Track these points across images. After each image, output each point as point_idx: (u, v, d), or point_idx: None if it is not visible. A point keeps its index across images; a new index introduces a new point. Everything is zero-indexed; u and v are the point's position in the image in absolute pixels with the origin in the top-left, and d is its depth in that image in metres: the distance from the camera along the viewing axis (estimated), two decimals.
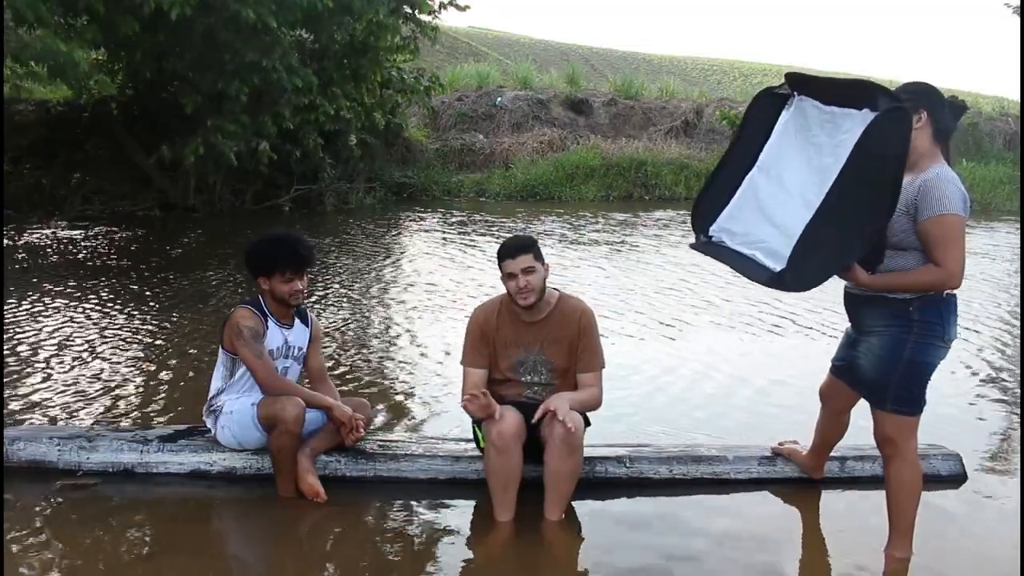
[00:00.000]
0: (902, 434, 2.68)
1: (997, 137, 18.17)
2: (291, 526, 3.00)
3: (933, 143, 2.60)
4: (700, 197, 2.89)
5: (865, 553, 2.82)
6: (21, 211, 10.88)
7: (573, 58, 31.75)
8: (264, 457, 3.20)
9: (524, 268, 3.00)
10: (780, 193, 2.65)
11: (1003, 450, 3.86)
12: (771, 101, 2.75)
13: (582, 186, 14.79)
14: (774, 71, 33.03)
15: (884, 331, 2.65)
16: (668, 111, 18.28)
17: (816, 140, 2.57)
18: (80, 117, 12.65)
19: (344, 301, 6.73)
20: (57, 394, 4.28)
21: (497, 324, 3.13)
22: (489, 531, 2.95)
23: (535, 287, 3.02)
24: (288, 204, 12.31)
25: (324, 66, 11.56)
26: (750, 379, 4.82)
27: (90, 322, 5.79)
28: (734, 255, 2.70)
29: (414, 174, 14.66)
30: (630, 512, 3.16)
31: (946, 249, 2.50)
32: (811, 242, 2.40)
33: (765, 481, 3.34)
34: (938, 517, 3.03)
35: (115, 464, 3.25)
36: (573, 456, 2.93)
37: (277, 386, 3.14)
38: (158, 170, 11.61)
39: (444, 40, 22.95)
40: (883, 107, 2.35)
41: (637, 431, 3.84)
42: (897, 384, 2.63)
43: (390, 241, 10.20)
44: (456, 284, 7.43)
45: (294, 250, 3.22)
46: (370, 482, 3.25)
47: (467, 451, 3.31)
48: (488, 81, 18.43)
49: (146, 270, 7.76)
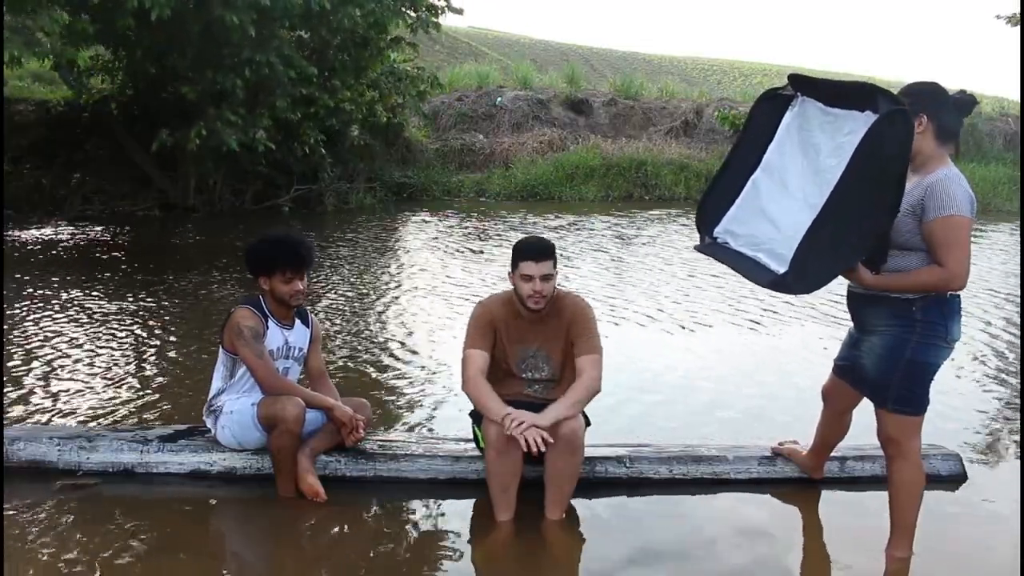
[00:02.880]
0: (905, 434, 2.68)
1: (997, 137, 18.17)
2: (291, 526, 3.00)
3: (938, 145, 2.60)
4: (704, 199, 2.89)
5: (865, 553, 2.82)
6: (21, 211, 10.87)
7: (573, 58, 31.76)
8: (264, 457, 3.19)
9: (544, 275, 2.99)
10: (783, 195, 2.64)
11: (1003, 450, 3.86)
12: (774, 102, 2.75)
13: (582, 186, 14.80)
14: (774, 71, 33.07)
15: (887, 331, 2.65)
16: (668, 111, 18.28)
17: (818, 142, 2.57)
18: (80, 117, 12.64)
19: (344, 301, 6.73)
20: (57, 394, 4.28)
21: (503, 320, 3.13)
22: (489, 531, 2.95)
23: (548, 295, 3.03)
24: (288, 204, 12.31)
25: (324, 57, 11.56)
26: (750, 377, 4.82)
27: (90, 322, 5.78)
28: (738, 257, 2.70)
29: (414, 174, 14.66)
30: (630, 512, 3.15)
31: (951, 250, 2.50)
32: (813, 244, 2.40)
33: (765, 481, 3.34)
34: (938, 517, 3.03)
35: (115, 464, 3.25)
36: (573, 456, 2.93)
37: (277, 386, 3.14)
38: (158, 170, 11.61)
39: (444, 40, 23.00)
40: (884, 110, 2.35)
41: (636, 431, 3.84)
42: (899, 384, 2.63)
43: (390, 241, 10.20)
44: (456, 284, 7.43)
45: (294, 250, 3.21)
46: (370, 482, 3.24)
47: (467, 451, 3.31)
48: (488, 81, 18.43)
49: (146, 270, 7.75)
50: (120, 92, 12.44)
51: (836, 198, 2.37)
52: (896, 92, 2.60)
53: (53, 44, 8.21)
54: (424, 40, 12.86)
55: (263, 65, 9.97)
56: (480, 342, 3.08)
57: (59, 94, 13.48)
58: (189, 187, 11.64)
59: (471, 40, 31.36)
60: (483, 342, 3.08)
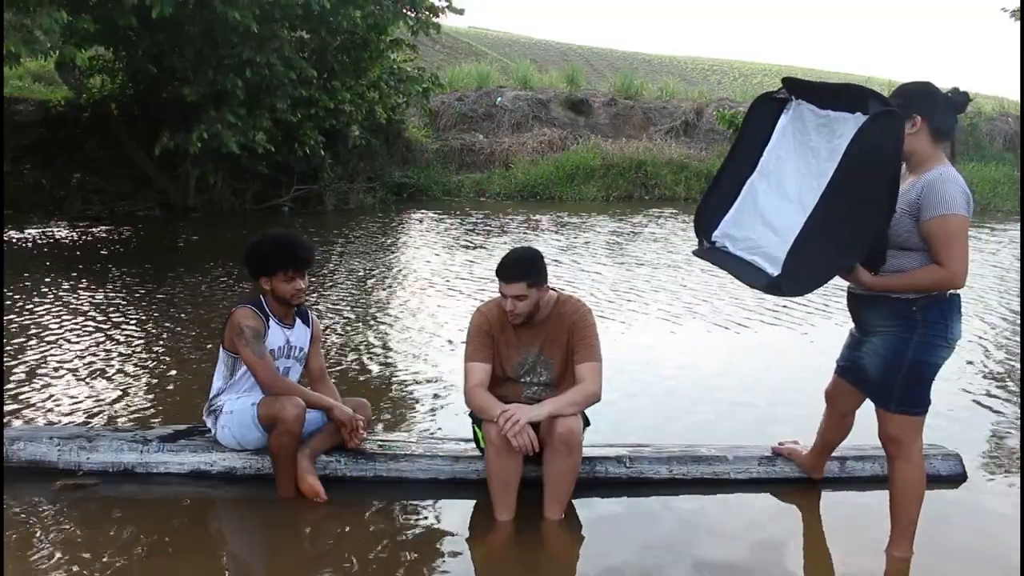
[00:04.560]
0: (907, 434, 2.68)
1: (997, 137, 18.18)
2: (291, 526, 3.00)
3: (933, 145, 2.60)
4: (702, 203, 2.89)
5: (865, 553, 2.82)
6: (21, 211, 10.88)
7: (573, 58, 31.78)
8: (264, 457, 3.19)
9: (514, 295, 2.99)
10: (779, 198, 2.65)
11: (1003, 450, 3.86)
12: (770, 105, 2.76)
13: (582, 186, 14.80)
14: (774, 71, 33.05)
15: (887, 331, 2.65)
16: (668, 111, 18.29)
17: (813, 144, 2.58)
18: (80, 117, 12.65)
19: (344, 301, 6.73)
20: (57, 394, 4.28)
21: (500, 325, 3.13)
22: (489, 531, 2.95)
23: (522, 313, 3.02)
24: (288, 204, 12.31)
25: (324, 58, 11.56)
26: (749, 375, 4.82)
27: (90, 322, 5.79)
28: (736, 261, 2.71)
29: (414, 174, 14.66)
30: (630, 512, 3.16)
31: (949, 249, 2.50)
32: (806, 247, 2.40)
33: (765, 481, 3.34)
34: (938, 517, 3.02)
35: (115, 464, 3.25)
36: (572, 456, 2.93)
37: (278, 386, 3.14)
38: (158, 170, 11.61)
39: (444, 40, 23.00)
40: (873, 111, 2.35)
41: (634, 432, 3.84)
42: (901, 384, 2.63)
43: (390, 241, 10.20)
44: (457, 284, 7.43)
45: (294, 250, 3.22)
46: (370, 482, 3.24)
47: (467, 451, 3.31)
48: (488, 81, 18.43)
49: (146, 270, 7.76)
50: (120, 92, 12.44)
51: (826, 201, 2.36)
52: (890, 92, 2.61)
53: (53, 42, 8.22)
54: (424, 40, 12.89)
55: (263, 66, 9.98)
56: (479, 354, 3.09)
57: (59, 94, 13.49)
58: (189, 187, 11.64)
59: (471, 40, 31.35)
60: (483, 353, 3.09)
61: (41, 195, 11.63)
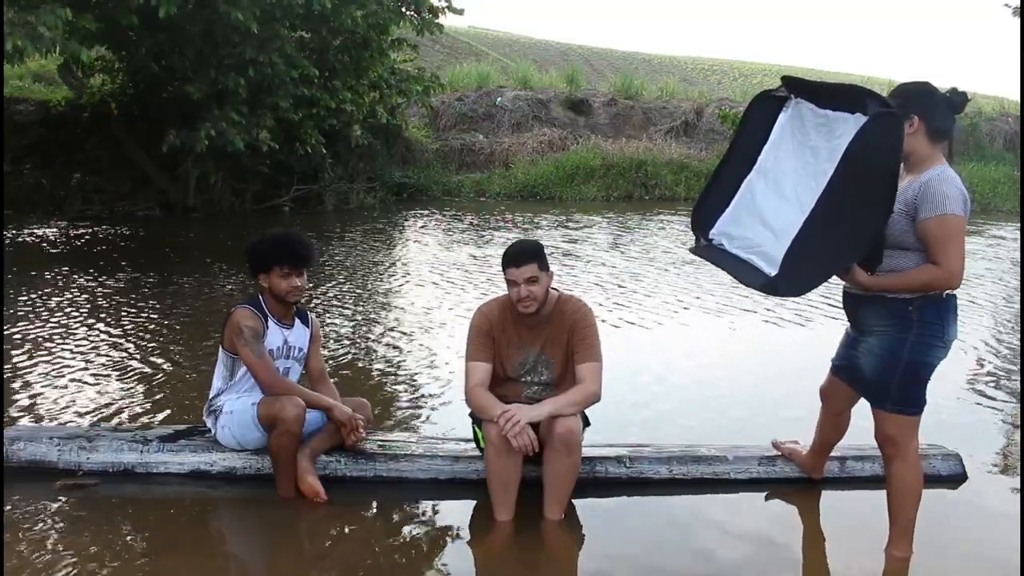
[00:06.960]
0: (903, 434, 2.68)
1: (997, 137, 18.19)
2: (291, 526, 3.00)
3: (931, 145, 2.60)
4: (700, 201, 2.89)
5: (865, 553, 2.82)
6: (21, 211, 10.88)
7: (573, 58, 31.78)
8: (264, 457, 3.19)
9: (527, 278, 2.97)
10: (777, 197, 2.65)
11: (1003, 450, 3.86)
12: (769, 103, 2.76)
13: (582, 186, 14.81)
14: (774, 71, 33.04)
15: (883, 331, 2.65)
16: (668, 111, 18.30)
17: (812, 143, 2.57)
18: (80, 117, 12.65)
19: (344, 301, 6.73)
20: (57, 394, 4.28)
21: (501, 324, 3.13)
22: (489, 531, 2.95)
23: (537, 297, 3.00)
24: (288, 204, 12.32)
25: (325, 57, 11.57)
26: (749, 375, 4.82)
27: (90, 322, 5.79)
28: (732, 259, 2.70)
29: (414, 174, 14.67)
30: (630, 512, 3.16)
31: (946, 249, 2.51)
32: (803, 247, 2.40)
33: (765, 481, 3.34)
34: (938, 517, 3.03)
35: (115, 464, 3.25)
36: (572, 456, 2.92)
37: (278, 386, 3.14)
38: (158, 170, 11.61)
39: (444, 40, 22.99)
40: (871, 112, 2.34)
41: (634, 432, 3.84)
42: (897, 384, 2.63)
43: (390, 241, 10.20)
44: (457, 284, 7.43)
45: (293, 247, 3.22)
46: (370, 482, 3.24)
47: (467, 451, 3.31)
48: (488, 81, 18.44)
49: (146, 270, 7.75)
50: (120, 92, 12.45)
51: (825, 201, 2.36)
52: (889, 92, 2.61)
53: (57, 39, 8.22)
54: (424, 40, 12.88)
55: (266, 65, 9.97)
56: (480, 353, 3.08)
57: (59, 94, 13.49)
58: (189, 187, 11.64)
59: (471, 40, 31.34)
60: (483, 353, 3.08)
61: (41, 195, 11.64)
